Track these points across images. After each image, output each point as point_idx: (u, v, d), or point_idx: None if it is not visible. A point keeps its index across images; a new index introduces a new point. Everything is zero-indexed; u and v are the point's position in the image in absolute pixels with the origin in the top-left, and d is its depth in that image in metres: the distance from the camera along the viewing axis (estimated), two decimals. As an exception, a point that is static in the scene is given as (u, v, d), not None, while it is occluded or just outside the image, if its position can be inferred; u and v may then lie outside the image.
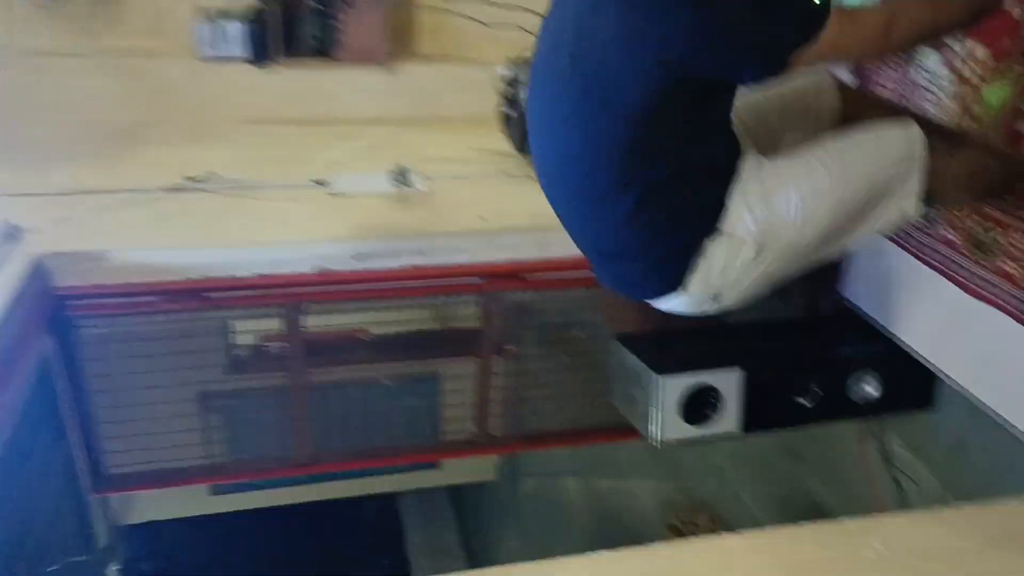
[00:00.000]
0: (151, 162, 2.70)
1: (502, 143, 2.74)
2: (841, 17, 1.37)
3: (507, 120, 2.72)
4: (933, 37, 1.57)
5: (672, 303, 1.63)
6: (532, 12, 2.78)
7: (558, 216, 1.68)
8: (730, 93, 1.49)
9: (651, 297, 1.64)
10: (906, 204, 1.57)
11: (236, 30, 2.95)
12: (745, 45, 1.36)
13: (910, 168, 1.54)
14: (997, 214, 1.87)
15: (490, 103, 2.77)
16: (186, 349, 2.29)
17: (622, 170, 1.47)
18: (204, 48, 2.98)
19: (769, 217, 1.51)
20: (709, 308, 1.65)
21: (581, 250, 1.71)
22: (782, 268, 1.58)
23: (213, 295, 2.24)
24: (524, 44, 2.58)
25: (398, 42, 3.16)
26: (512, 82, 2.63)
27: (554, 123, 1.52)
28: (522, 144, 2.64)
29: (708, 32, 1.33)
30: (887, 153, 1.53)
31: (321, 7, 2.95)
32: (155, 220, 2.33)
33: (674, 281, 1.56)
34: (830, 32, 1.34)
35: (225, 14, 3.00)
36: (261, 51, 2.97)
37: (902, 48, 1.55)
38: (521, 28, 2.70)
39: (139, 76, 2.99)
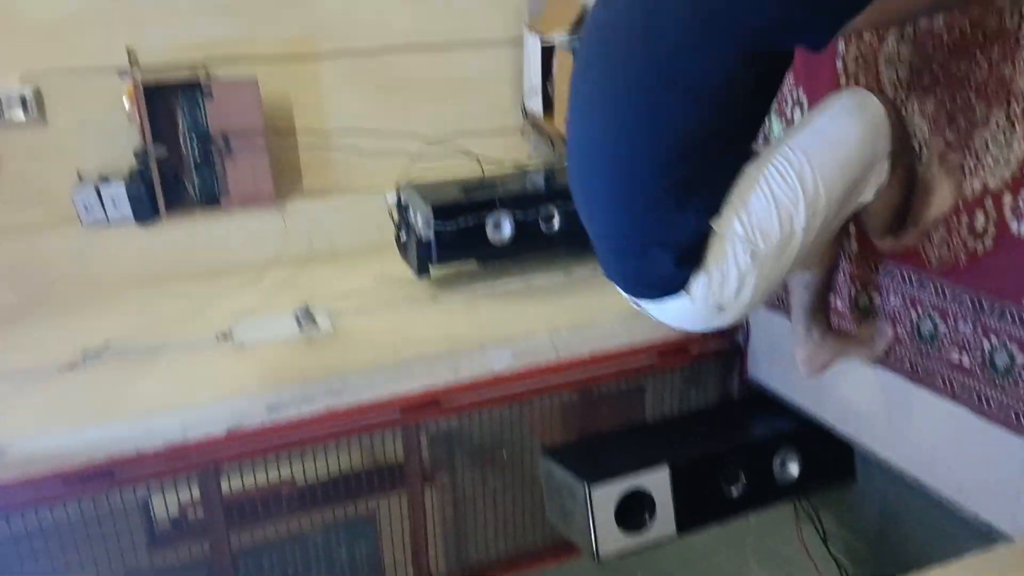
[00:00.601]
0: (44, 341, 2.60)
1: (402, 268, 2.76)
2: None
3: (403, 244, 2.75)
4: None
5: (679, 310, 1.62)
6: (415, 136, 2.86)
7: (580, 204, 1.68)
8: (783, 71, 1.54)
9: (660, 295, 1.61)
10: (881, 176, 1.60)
11: (118, 192, 2.92)
12: (812, 8, 1.41)
13: (878, 147, 1.57)
14: (866, 275, 1.97)
15: (384, 230, 2.80)
16: (102, 533, 2.18)
17: (670, 153, 1.49)
18: (87, 215, 2.93)
19: (755, 216, 1.53)
20: (716, 321, 1.65)
21: (596, 243, 1.71)
22: (778, 268, 1.58)
23: (123, 473, 2.14)
24: (410, 168, 2.66)
25: (284, 181, 3.18)
26: (402, 206, 2.67)
27: (607, 102, 1.53)
28: (421, 267, 2.67)
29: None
30: (859, 148, 1.56)
31: (202, 158, 2.94)
32: (53, 402, 2.24)
33: (681, 279, 1.56)
34: None
35: (105, 178, 2.97)
36: (146, 210, 2.94)
37: (946, 5, 1.59)
38: (405, 153, 2.75)
39: (22, 253, 2.91)
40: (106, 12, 3.02)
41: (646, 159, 1.51)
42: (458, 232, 2.55)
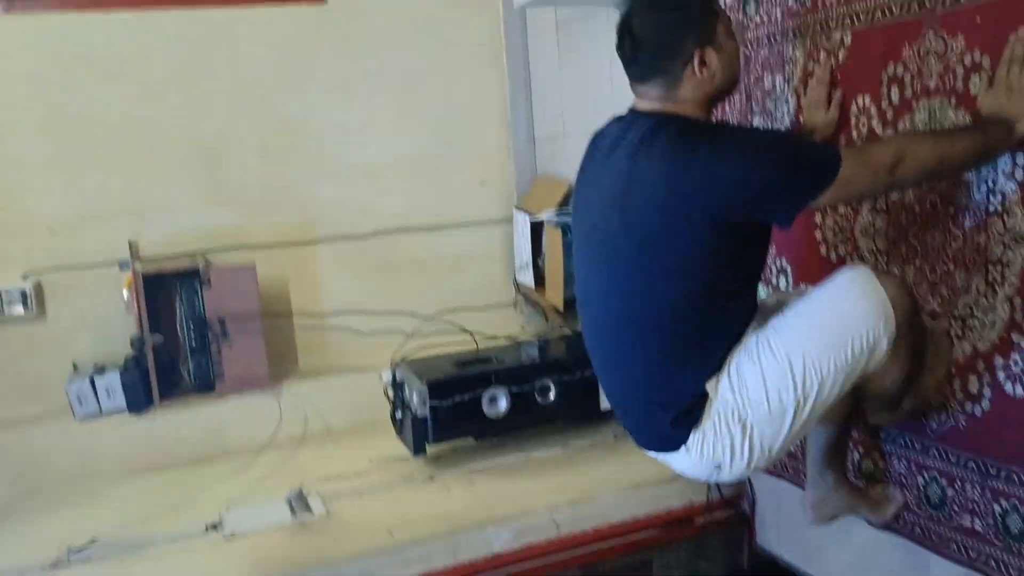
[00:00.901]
0: (30, 538, 2.52)
1: (398, 447, 2.72)
2: (853, 158, 1.51)
3: (399, 422, 2.73)
4: (937, 179, 1.67)
5: (681, 463, 1.67)
6: (407, 314, 2.91)
7: (597, 367, 1.76)
8: (764, 239, 1.62)
9: (660, 450, 1.68)
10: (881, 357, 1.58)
11: (112, 382, 2.93)
12: (773, 193, 1.50)
13: (879, 332, 1.56)
14: (869, 440, 1.94)
15: (380, 409, 2.78)
16: None
17: (663, 319, 1.57)
18: (80, 408, 2.92)
19: (748, 388, 1.56)
20: (716, 477, 1.67)
21: (611, 400, 1.77)
22: (775, 437, 1.58)
23: None
24: (405, 345, 2.68)
25: (280, 363, 3.20)
26: (397, 384, 2.67)
27: (600, 272, 1.65)
28: (417, 445, 2.63)
29: (741, 185, 1.47)
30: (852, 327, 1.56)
31: (198, 344, 2.97)
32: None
33: (679, 437, 1.61)
34: (843, 174, 1.48)
35: (100, 368, 2.99)
36: (140, 398, 2.93)
37: (906, 185, 1.64)
38: (400, 331, 2.78)
39: (13, 448, 2.87)
40: (110, 209, 3.15)
41: (641, 325, 1.60)
42: (454, 408, 2.54)
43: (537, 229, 3.38)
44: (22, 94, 3.06)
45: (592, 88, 3.20)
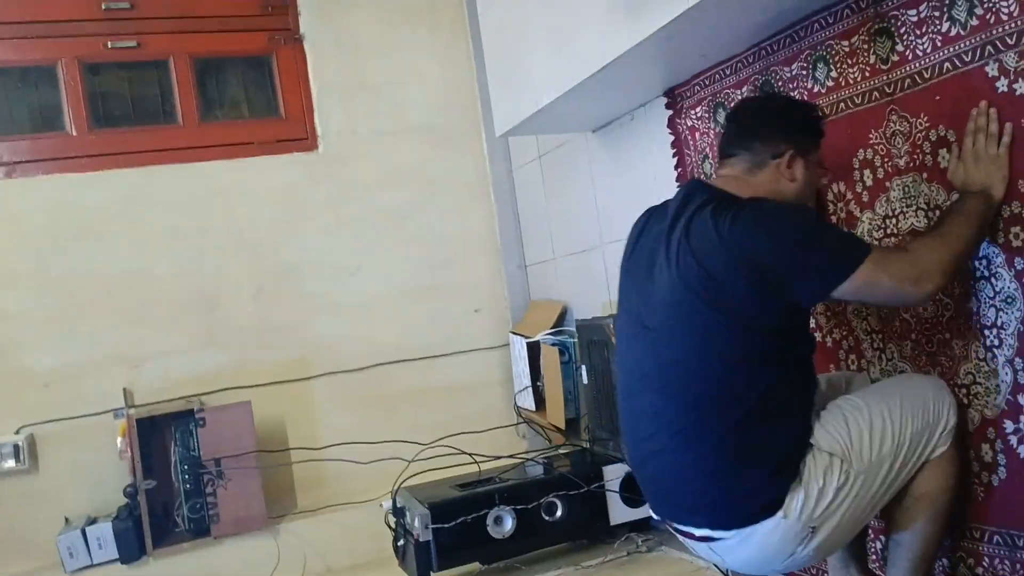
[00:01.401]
0: None
1: (402, 579, 2.60)
2: (877, 259, 1.52)
3: (402, 552, 2.62)
4: (959, 267, 1.63)
5: (764, 535, 1.55)
6: (407, 442, 2.86)
7: (629, 441, 1.73)
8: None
9: (744, 521, 1.55)
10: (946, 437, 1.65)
11: (104, 532, 2.82)
12: (799, 267, 1.52)
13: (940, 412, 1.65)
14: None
15: (382, 544, 2.68)
16: None
17: (736, 380, 1.55)
18: (71, 561, 2.80)
19: (847, 437, 1.58)
20: (801, 549, 1.57)
21: (654, 484, 1.70)
22: (865, 495, 1.58)
23: None
24: (404, 472, 2.62)
25: (277, 501, 3.10)
26: (399, 511, 2.58)
27: (661, 338, 1.63)
28: (421, 573, 2.51)
29: (769, 251, 1.53)
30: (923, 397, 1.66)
31: (192, 486, 2.89)
32: None
33: (774, 503, 1.53)
34: (865, 270, 1.50)
35: (93, 520, 2.89)
36: (132, 548, 2.81)
37: (932, 294, 1.57)
38: (398, 458, 2.72)
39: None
40: (105, 359, 3.15)
41: (715, 388, 1.57)
42: (458, 530, 2.44)
43: (534, 350, 3.38)
44: (21, 253, 3.13)
45: (578, 211, 3.29)
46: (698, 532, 1.63)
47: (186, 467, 2.88)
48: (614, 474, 2.69)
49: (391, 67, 3.68)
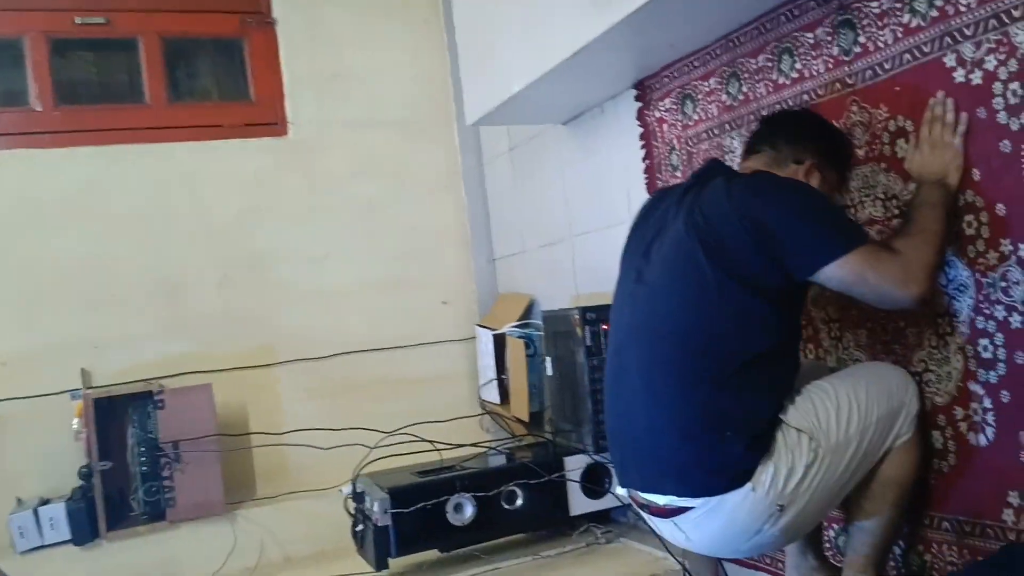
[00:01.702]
0: None
1: (360, 567, 2.57)
2: (873, 251, 1.53)
3: (360, 537, 2.60)
4: (941, 263, 1.65)
5: (732, 507, 1.53)
6: (368, 430, 2.84)
7: (609, 400, 1.74)
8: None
9: (716, 488, 1.53)
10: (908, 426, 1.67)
11: (57, 513, 2.78)
12: (797, 234, 1.54)
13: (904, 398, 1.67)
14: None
15: (341, 533, 2.66)
16: None
17: (728, 340, 1.56)
18: (21, 541, 2.75)
19: (815, 416, 1.59)
20: (768, 528, 1.56)
21: (625, 445, 1.69)
22: (832, 476, 1.58)
23: None
24: (366, 459, 2.60)
25: (235, 488, 3.06)
26: (358, 496, 2.56)
27: (659, 291, 1.65)
28: (379, 560, 2.50)
29: (775, 216, 1.54)
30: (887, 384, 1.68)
31: (149, 469, 2.85)
32: None
33: (745, 474, 1.52)
34: (859, 259, 1.50)
35: (46, 501, 2.84)
36: (85, 530, 2.77)
37: (925, 294, 1.54)
38: (360, 444, 2.69)
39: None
40: (66, 343, 3.11)
41: (713, 341, 1.58)
42: (417, 516, 2.42)
43: (500, 343, 3.38)
44: (-18, 232, 3.08)
45: (547, 205, 3.30)
46: (663, 501, 1.60)
47: (143, 449, 2.84)
48: (576, 465, 2.69)
49: (364, 58, 3.67)
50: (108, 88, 3.46)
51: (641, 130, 2.65)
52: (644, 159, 2.65)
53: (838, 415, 1.60)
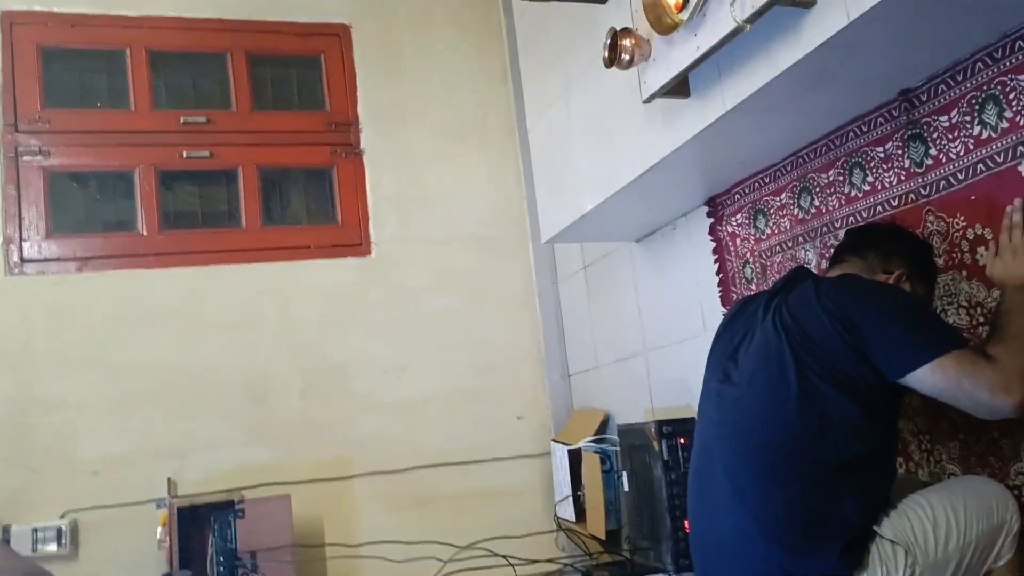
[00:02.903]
0: None
1: None
2: (969, 357, 1.48)
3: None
4: None
5: None
6: (443, 543, 2.81)
7: (693, 505, 1.72)
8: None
9: None
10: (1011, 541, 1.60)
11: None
12: (890, 336, 1.51)
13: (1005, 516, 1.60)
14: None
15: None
16: None
17: (821, 442, 1.52)
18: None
19: (911, 531, 1.53)
20: None
21: (711, 552, 1.64)
22: None
23: None
24: (439, 572, 2.57)
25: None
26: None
27: (746, 391, 1.63)
28: None
29: (869, 316, 1.53)
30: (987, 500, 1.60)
31: (227, 580, 2.87)
32: None
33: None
34: (954, 363, 1.47)
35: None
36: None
37: (1021, 402, 1.47)
38: (435, 558, 2.67)
39: None
40: (153, 450, 3.22)
41: (802, 442, 1.54)
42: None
43: (575, 459, 3.35)
44: (85, 342, 3.27)
45: (621, 319, 3.33)
46: None
47: (222, 559, 2.86)
48: (654, 584, 2.61)
49: (444, 180, 3.86)
50: (209, 216, 3.71)
51: (714, 244, 2.69)
52: (718, 273, 2.68)
53: (935, 531, 1.53)
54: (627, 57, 2.05)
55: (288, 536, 2.91)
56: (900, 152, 1.96)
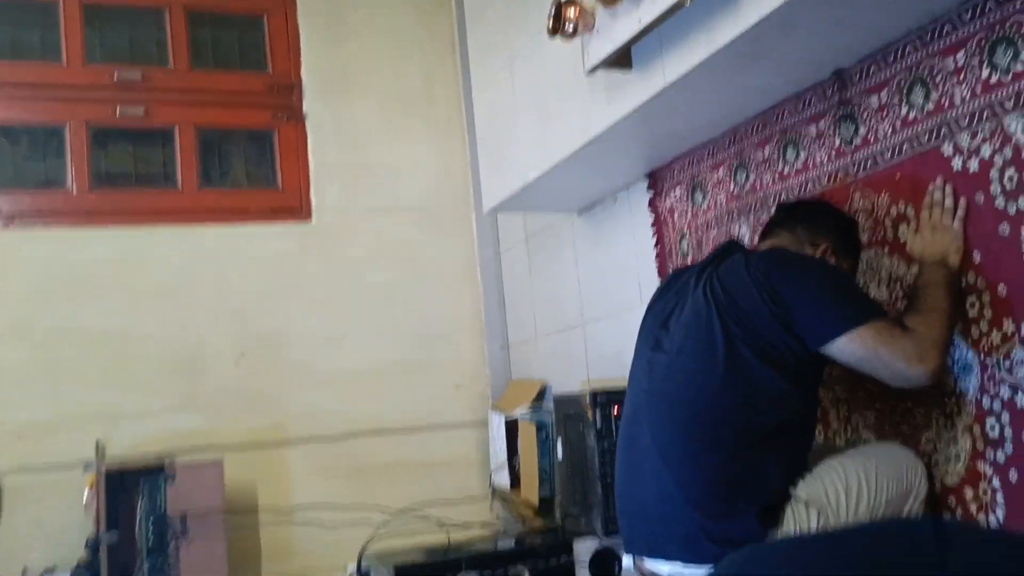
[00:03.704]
0: None
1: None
2: (887, 327, 1.55)
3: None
4: (950, 340, 1.65)
5: None
6: (377, 507, 2.82)
7: (620, 465, 1.75)
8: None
9: (716, 560, 1.49)
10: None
11: (62, 587, 2.76)
12: (813, 306, 1.57)
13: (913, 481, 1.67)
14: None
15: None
16: None
17: (745, 410, 1.56)
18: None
19: (824, 493, 1.59)
20: None
21: (636, 512, 1.69)
22: None
23: None
24: (373, 538, 2.58)
25: (241, 569, 3.03)
26: (365, 574, 2.54)
27: (676, 359, 1.66)
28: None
29: (792, 287, 1.58)
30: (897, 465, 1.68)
31: (155, 543, 2.83)
32: None
33: (757, 536, 1.51)
34: (872, 333, 1.53)
35: (51, 570, 2.83)
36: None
37: (935, 372, 1.56)
38: (368, 524, 2.68)
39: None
40: (82, 416, 3.15)
41: (730, 411, 1.59)
42: (422, 597, 2.40)
43: (512, 428, 3.38)
44: (10, 306, 3.17)
45: (560, 291, 3.37)
46: (667, 569, 1.60)
47: (151, 522, 2.83)
48: (585, 549, 2.66)
49: (388, 151, 3.83)
50: (143, 176, 3.61)
51: (653, 218, 2.74)
52: (655, 246, 2.73)
53: (847, 494, 1.60)
54: (571, 27, 2.07)
55: (219, 501, 2.89)
56: (832, 131, 2.02)
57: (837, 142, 2.00)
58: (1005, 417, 1.61)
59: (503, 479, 3.40)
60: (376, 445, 3.44)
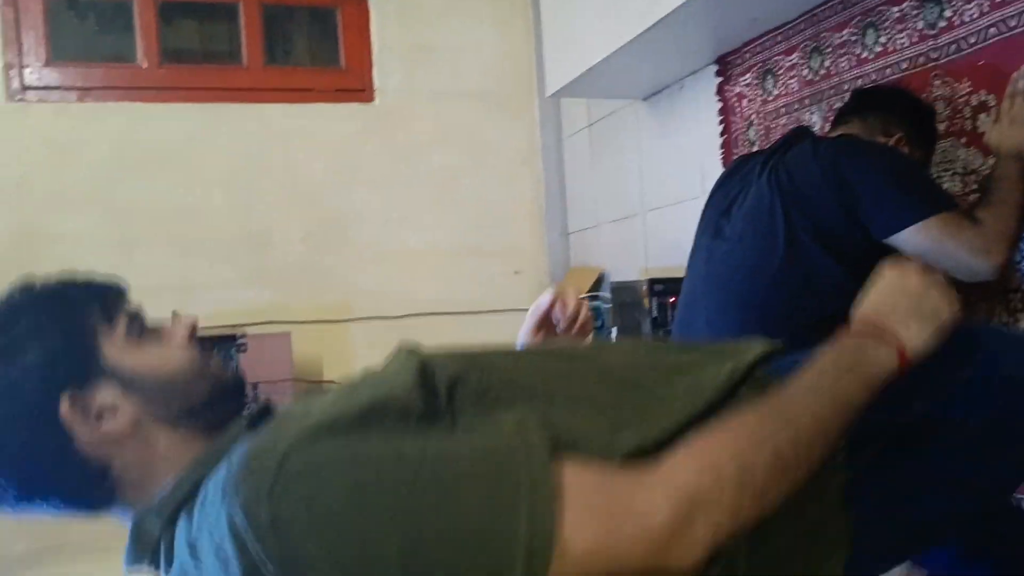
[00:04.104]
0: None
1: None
2: (957, 217, 1.52)
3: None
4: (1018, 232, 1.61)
5: None
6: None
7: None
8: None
9: None
10: None
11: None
12: (883, 194, 1.53)
13: None
14: None
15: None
16: None
17: (804, 300, 1.55)
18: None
19: None
20: None
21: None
22: None
23: None
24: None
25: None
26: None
27: (735, 246, 1.66)
28: None
29: (864, 173, 1.55)
30: None
31: (230, 410, 3.01)
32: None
33: None
34: (943, 225, 1.51)
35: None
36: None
37: (1003, 263, 1.54)
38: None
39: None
40: (157, 285, 3.21)
41: (790, 299, 1.58)
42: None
43: (568, 314, 3.43)
44: (86, 176, 3.28)
45: (622, 180, 3.34)
46: None
47: (224, 390, 2.99)
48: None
49: (451, 32, 3.76)
50: (209, 52, 3.63)
51: (720, 105, 2.67)
52: (721, 134, 2.67)
53: None
54: None
55: (288, 371, 3.04)
56: (916, 13, 1.92)
57: (920, 24, 1.90)
58: (1070, 315, 1.58)
59: (558, 362, 3.47)
60: (436, 326, 3.53)
